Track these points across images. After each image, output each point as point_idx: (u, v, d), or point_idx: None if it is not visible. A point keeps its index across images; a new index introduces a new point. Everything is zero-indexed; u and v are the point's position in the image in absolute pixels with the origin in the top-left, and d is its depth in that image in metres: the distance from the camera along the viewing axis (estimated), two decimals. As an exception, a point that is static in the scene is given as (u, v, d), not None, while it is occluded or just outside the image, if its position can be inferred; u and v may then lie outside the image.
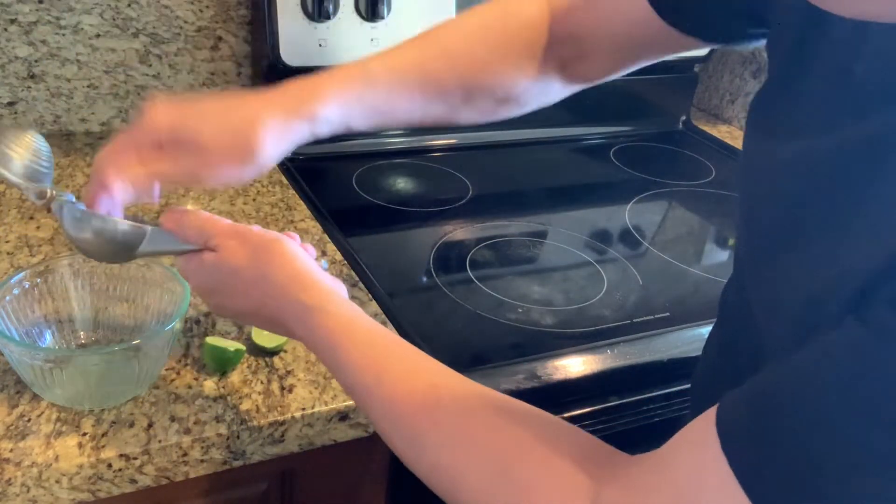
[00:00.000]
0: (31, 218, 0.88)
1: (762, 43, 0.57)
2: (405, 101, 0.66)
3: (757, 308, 0.48)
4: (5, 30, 1.01)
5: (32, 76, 1.05)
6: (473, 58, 0.68)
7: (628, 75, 1.37)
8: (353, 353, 0.53)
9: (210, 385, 0.67)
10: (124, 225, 0.59)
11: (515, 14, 0.70)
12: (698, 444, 0.39)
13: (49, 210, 0.61)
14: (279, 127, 0.60)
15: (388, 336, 0.55)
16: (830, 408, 0.34)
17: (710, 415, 0.39)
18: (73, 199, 0.61)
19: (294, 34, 1.06)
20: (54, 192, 0.61)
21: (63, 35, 1.04)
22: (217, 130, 0.59)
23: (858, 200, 0.37)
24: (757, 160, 0.48)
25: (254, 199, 0.99)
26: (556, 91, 0.73)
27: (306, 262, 0.58)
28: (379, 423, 0.52)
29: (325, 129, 0.63)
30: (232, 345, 0.68)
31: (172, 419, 0.64)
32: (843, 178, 0.39)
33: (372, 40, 1.10)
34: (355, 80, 0.64)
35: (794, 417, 0.35)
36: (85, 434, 0.61)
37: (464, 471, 0.47)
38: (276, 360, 0.71)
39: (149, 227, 0.60)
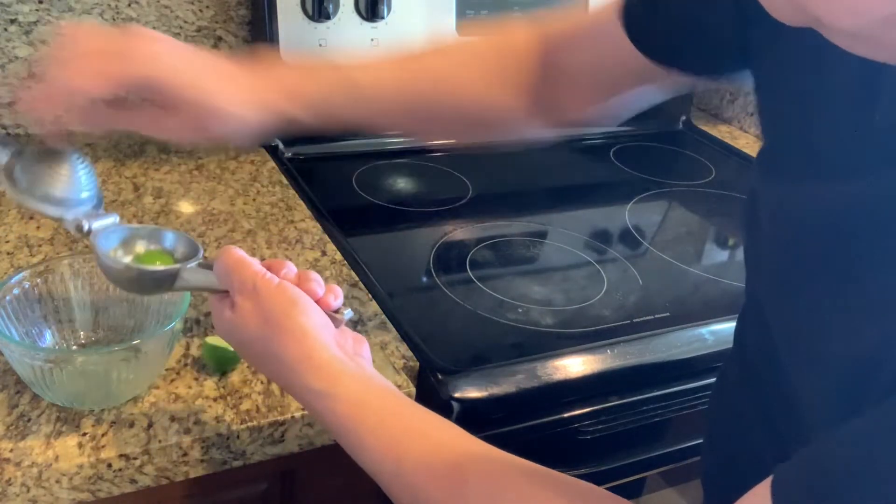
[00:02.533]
0: (31, 218, 0.88)
1: (743, 75, 0.56)
2: (382, 110, 0.68)
3: (787, 355, 0.47)
4: (5, 30, 1.01)
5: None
6: (459, 80, 0.69)
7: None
8: (368, 439, 0.51)
9: (210, 385, 0.67)
10: (149, 268, 0.59)
11: (507, 47, 0.70)
12: None
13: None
14: (242, 118, 0.62)
15: (402, 413, 0.52)
16: (887, 481, 0.32)
17: (763, 491, 0.37)
18: (114, 222, 0.61)
19: (294, 34, 1.05)
20: (91, 226, 0.59)
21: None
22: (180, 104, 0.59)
23: None
24: (776, 200, 0.47)
25: (254, 200, 0.99)
26: (539, 128, 0.73)
27: (318, 336, 0.53)
28: None
29: (288, 126, 0.64)
30: (232, 345, 0.68)
31: (172, 419, 0.64)
32: (886, 227, 0.38)
33: (372, 40, 1.10)
34: (333, 85, 0.66)
35: (854, 494, 0.33)
36: (85, 434, 0.61)
37: None
38: (276, 360, 0.71)
39: (179, 267, 0.58)
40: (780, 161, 0.49)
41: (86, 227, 0.60)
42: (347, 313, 0.57)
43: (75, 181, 0.61)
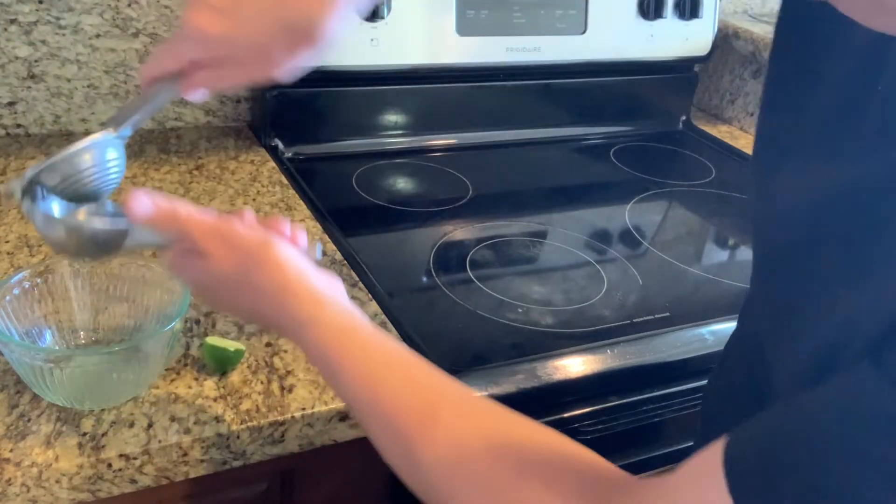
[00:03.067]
0: (31, 218, 0.88)
1: None
2: None
3: (768, 340, 0.47)
4: (5, 30, 1.01)
5: (32, 76, 1.05)
6: None
7: (628, 75, 1.36)
8: (348, 367, 0.51)
9: (210, 385, 0.67)
10: (100, 224, 0.56)
11: None
12: (704, 479, 0.38)
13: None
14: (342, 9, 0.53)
15: (384, 344, 0.53)
16: (837, 452, 0.33)
17: (716, 449, 0.38)
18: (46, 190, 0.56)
19: (294, 34, 1.05)
20: (20, 191, 0.55)
21: (63, 35, 1.04)
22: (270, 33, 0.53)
23: (885, 236, 0.36)
24: (772, 175, 0.47)
25: (254, 199, 0.99)
26: None
27: (297, 266, 0.55)
28: (376, 437, 0.51)
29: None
30: (232, 345, 0.68)
31: (172, 419, 0.64)
32: (868, 211, 0.38)
33: (372, 40, 1.10)
34: None
35: (801, 459, 0.34)
36: (85, 434, 0.61)
37: (458, 495, 0.46)
38: (276, 360, 0.71)
39: (128, 224, 0.55)
40: (778, 135, 0.49)
41: (17, 195, 0.55)
42: (318, 248, 0.58)
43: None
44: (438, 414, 0.49)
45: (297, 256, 0.56)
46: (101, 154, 0.57)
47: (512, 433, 0.48)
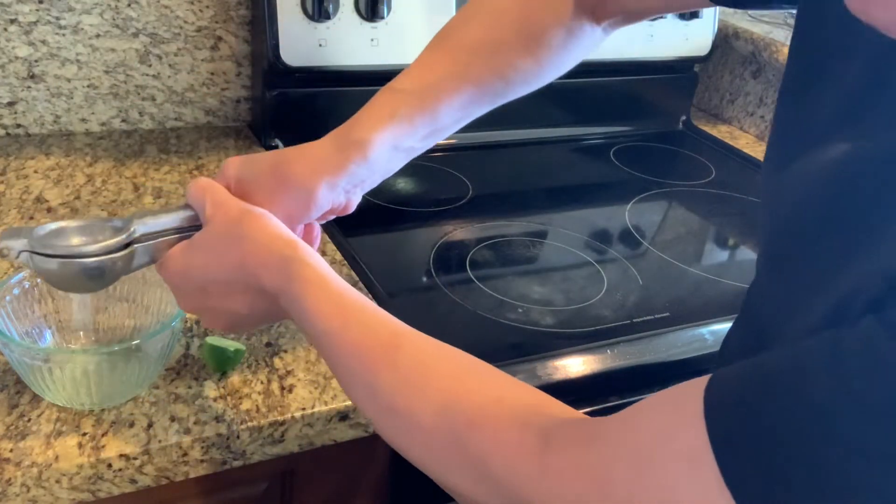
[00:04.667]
0: (31, 218, 0.88)
1: (786, 9, 0.57)
2: (449, 108, 0.67)
3: (777, 308, 0.47)
4: (5, 30, 1.01)
5: (32, 76, 1.05)
6: (501, 46, 0.69)
7: (628, 75, 1.37)
8: (325, 301, 0.53)
9: (210, 385, 0.67)
10: (91, 260, 0.57)
11: None
12: (676, 405, 0.37)
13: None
14: (331, 182, 0.63)
15: (361, 295, 0.55)
16: (826, 395, 0.32)
17: (698, 382, 0.37)
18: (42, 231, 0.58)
19: (294, 34, 1.05)
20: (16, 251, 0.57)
21: (63, 35, 1.04)
22: (273, 201, 0.62)
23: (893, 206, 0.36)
24: (787, 158, 0.48)
25: (254, 199, 0.99)
26: (590, 37, 0.73)
27: (277, 222, 0.59)
28: (338, 369, 0.53)
29: (379, 155, 0.64)
30: (232, 345, 0.68)
31: (172, 419, 0.64)
32: (879, 184, 0.38)
33: (372, 40, 1.10)
34: (391, 103, 0.66)
35: (788, 397, 0.33)
36: (85, 434, 0.61)
37: (415, 411, 0.47)
38: (276, 360, 0.71)
39: (113, 257, 0.58)
40: (793, 111, 0.49)
41: (13, 255, 0.57)
42: None
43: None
44: (401, 342, 0.51)
45: (279, 224, 0.59)
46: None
47: (471, 365, 0.50)
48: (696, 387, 0.37)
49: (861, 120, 0.42)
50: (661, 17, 1.29)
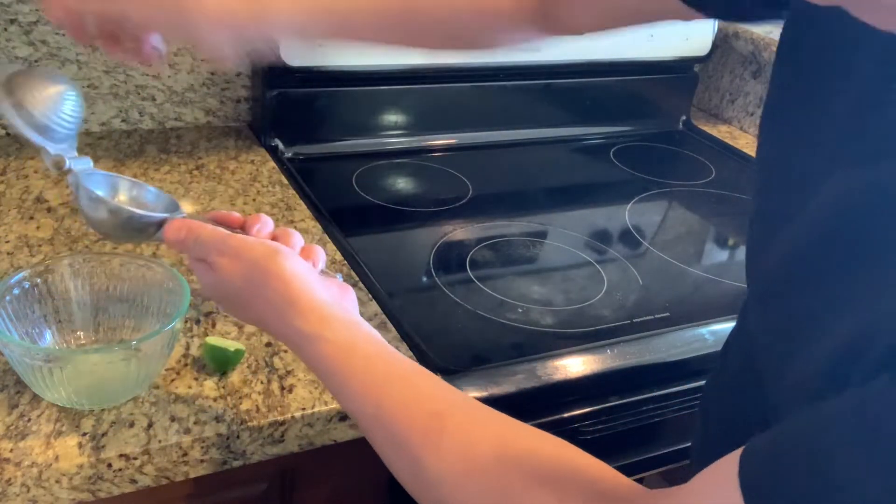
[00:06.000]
0: (31, 218, 0.88)
1: (771, 23, 0.55)
2: (365, 19, 0.66)
3: (766, 356, 0.46)
4: (5, 30, 1.01)
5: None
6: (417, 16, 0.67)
7: (628, 75, 1.36)
8: (352, 382, 0.51)
9: (210, 385, 0.67)
10: (139, 212, 0.60)
11: None
12: (720, 483, 0.37)
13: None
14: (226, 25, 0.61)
15: (388, 359, 0.53)
16: (859, 465, 0.32)
17: (733, 459, 0.37)
18: (91, 167, 0.60)
19: (294, 34, 1.05)
20: (72, 166, 0.59)
21: (63, 35, 1.04)
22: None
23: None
24: (781, 178, 0.47)
25: (254, 200, 0.99)
26: (529, 34, 0.71)
27: (304, 279, 0.55)
28: (383, 452, 0.51)
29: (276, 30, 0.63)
30: (232, 345, 0.68)
31: (172, 419, 0.64)
32: (882, 216, 0.37)
33: (372, 40, 1.10)
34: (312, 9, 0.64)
35: (821, 472, 0.33)
36: (85, 434, 0.61)
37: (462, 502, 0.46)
38: (275, 360, 0.71)
39: (164, 216, 0.60)
40: (783, 130, 0.48)
41: (66, 165, 0.60)
42: (338, 277, 0.61)
43: (58, 108, 0.61)
44: (443, 424, 0.48)
45: (303, 269, 0.55)
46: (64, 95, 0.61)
47: (519, 443, 0.47)
48: (731, 466, 0.37)
49: (859, 141, 0.41)
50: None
